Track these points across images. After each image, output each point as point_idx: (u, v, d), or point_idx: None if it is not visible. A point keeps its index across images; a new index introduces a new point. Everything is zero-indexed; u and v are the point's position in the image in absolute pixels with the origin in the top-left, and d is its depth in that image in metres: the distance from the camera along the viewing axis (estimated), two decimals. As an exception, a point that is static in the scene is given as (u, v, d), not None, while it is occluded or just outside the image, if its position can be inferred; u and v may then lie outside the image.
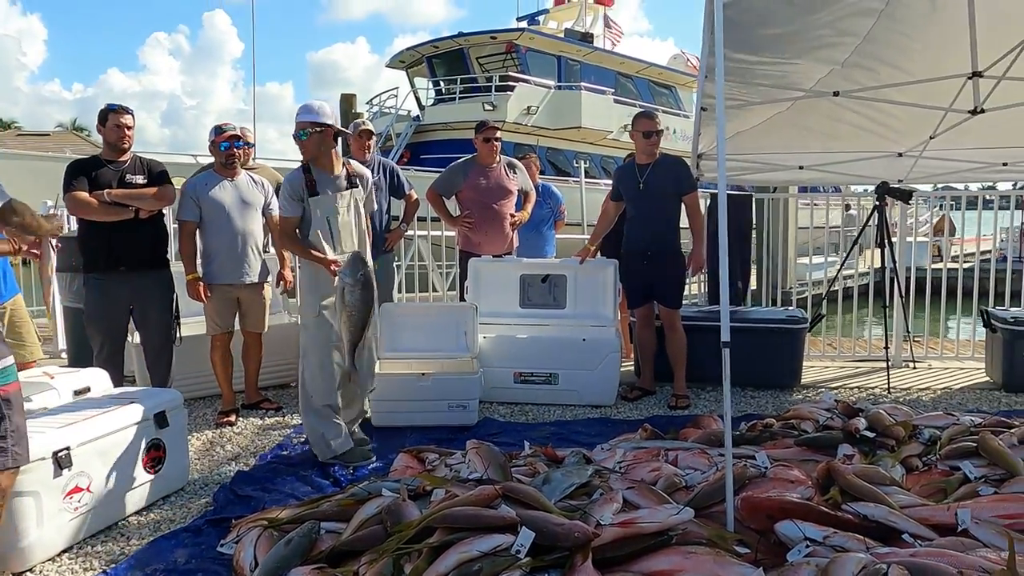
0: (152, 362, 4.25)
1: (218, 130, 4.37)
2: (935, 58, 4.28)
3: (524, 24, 20.92)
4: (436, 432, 4.13)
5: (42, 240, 3.67)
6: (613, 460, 3.26)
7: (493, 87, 17.42)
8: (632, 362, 5.48)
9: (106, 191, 3.94)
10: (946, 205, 8.23)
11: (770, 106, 4.87)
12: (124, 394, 3.40)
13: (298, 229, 3.69)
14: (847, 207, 9.99)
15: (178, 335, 4.31)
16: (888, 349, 5.40)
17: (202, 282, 4.29)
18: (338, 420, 3.69)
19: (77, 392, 3.40)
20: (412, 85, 20.37)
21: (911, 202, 6.10)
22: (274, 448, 3.98)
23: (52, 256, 4.34)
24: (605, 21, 21.53)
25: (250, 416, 4.57)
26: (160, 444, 3.25)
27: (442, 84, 19.06)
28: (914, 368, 5.87)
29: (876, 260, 5.71)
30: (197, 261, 4.38)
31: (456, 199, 5.36)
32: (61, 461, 2.74)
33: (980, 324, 5.60)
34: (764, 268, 6.84)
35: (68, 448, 2.77)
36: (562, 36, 19.74)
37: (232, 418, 4.43)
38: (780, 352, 5.19)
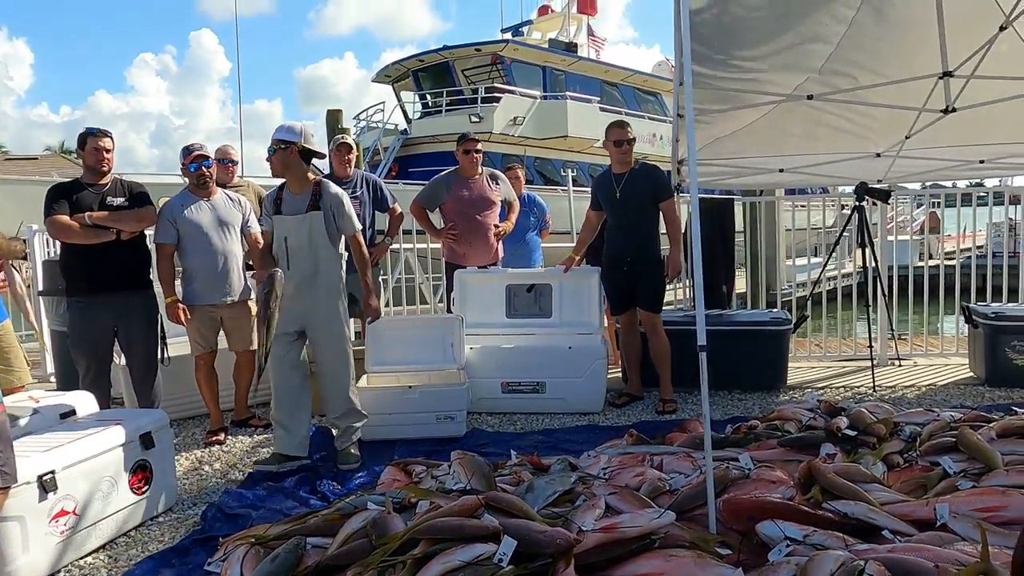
0: (138, 383, 4.23)
1: (186, 151, 4.37)
2: (908, 59, 4.36)
3: (508, 35, 21.09)
4: (424, 444, 4.14)
5: (2, 264, 3.65)
6: (598, 466, 3.27)
7: (479, 99, 17.48)
8: (620, 369, 5.50)
9: (87, 214, 3.95)
10: (930, 203, 8.28)
11: (749, 111, 4.93)
12: (109, 416, 3.40)
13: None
14: (843, 207, 10.05)
15: (166, 355, 4.31)
16: (872, 348, 5.44)
17: (181, 304, 4.27)
18: (285, 426, 3.90)
19: (63, 415, 3.38)
20: (399, 99, 20.44)
21: (890, 201, 6.16)
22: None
23: (17, 278, 4.31)
24: (588, 31, 21.69)
25: (239, 434, 4.57)
26: (146, 465, 3.26)
27: (428, 97, 19.12)
28: (899, 366, 5.91)
29: (860, 260, 5.76)
30: (177, 283, 4.36)
31: (440, 211, 5.39)
32: (46, 485, 2.74)
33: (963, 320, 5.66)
34: (754, 271, 6.88)
35: (53, 471, 2.77)
36: (546, 46, 19.86)
37: (220, 437, 4.43)
38: (765, 354, 5.23)
